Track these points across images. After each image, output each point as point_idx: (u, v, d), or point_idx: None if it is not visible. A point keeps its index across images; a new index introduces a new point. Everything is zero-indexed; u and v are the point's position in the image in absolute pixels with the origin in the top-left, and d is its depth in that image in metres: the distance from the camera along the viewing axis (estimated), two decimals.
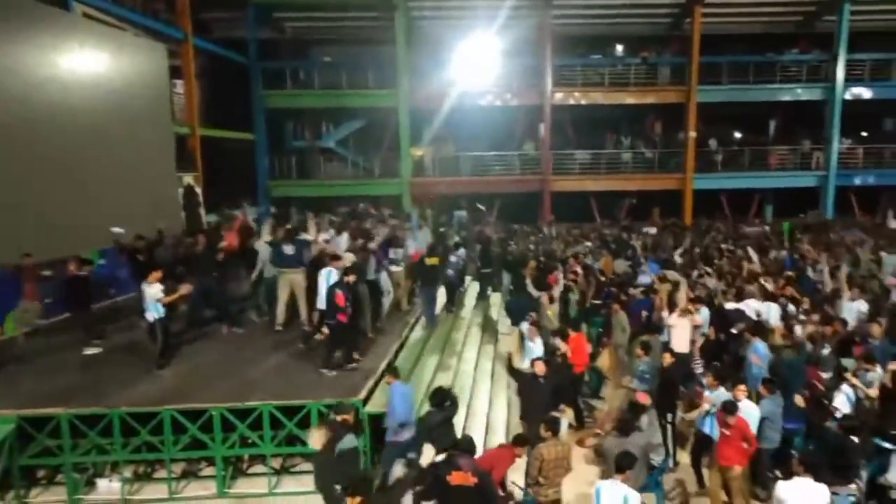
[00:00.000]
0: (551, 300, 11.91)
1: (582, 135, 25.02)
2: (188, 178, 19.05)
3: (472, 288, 15.40)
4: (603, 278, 13.52)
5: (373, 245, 11.85)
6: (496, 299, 14.87)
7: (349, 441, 6.20)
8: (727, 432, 7.04)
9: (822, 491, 5.57)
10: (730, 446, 7.10)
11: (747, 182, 24.47)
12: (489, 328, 13.03)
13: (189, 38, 19.45)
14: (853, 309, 10.57)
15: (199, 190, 19.30)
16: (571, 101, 23.73)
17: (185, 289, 9.32)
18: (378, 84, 22.56)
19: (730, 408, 7.04)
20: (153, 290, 8.58)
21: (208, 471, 8.20)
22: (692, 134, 23.83)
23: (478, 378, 10.34)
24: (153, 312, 8.63)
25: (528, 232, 21.45)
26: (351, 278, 8.98)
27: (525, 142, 24.41)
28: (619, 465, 5.54)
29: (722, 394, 7.63)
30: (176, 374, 8.72)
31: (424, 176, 23.27)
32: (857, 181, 24.74)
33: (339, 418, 6.51)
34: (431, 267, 11.41)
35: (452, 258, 13.48)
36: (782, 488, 5.64)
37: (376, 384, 8.37)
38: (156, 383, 8.37)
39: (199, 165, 19.41)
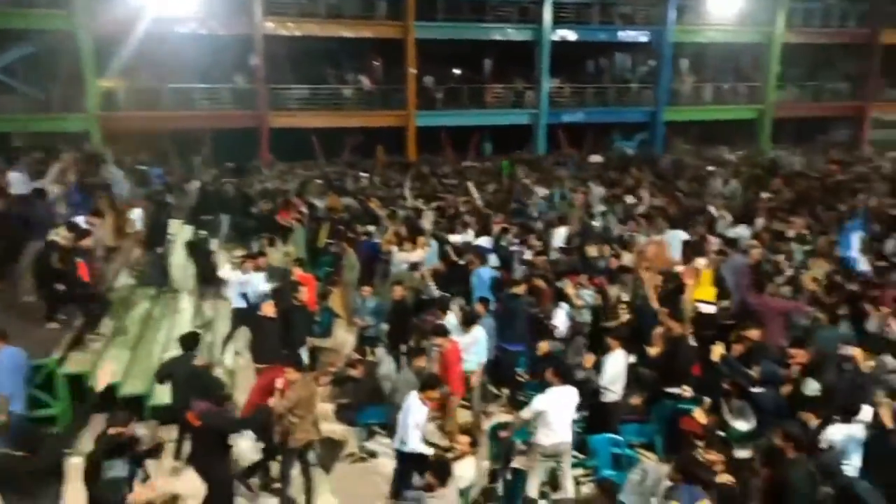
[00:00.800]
0: (271, 243, 12.31)
1: (300, 69, 25.14)
2: None
3: (184, 234, 14.91)
4: (335, 216, 14.01)
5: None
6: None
7: (119, 469, 5.16)
8: (440, 359, 7.59)
9: (572, 392, 6.57)
10: (445, 373, 7.54)
11: (467, 119, 26.43)
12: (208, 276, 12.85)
13: None
14: (557, 238, 12.22)
15: None
16: (285, 32, 23.61)
17: None
18: (49, 3, 20.48)
19: (438, 331, 7.64)
20: None
21: None
22: (412, 71, 25.20)
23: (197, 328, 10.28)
24: None
25: (246, 171, 21.35)
26: (87, 243, 8.87)
27: (236, 74, 23.94)
28: (422, 384, 6.48)
29: (451, 322, 8.24)
30: None
31: (117, 110, 21.86)
32: (566, 118, 28.08)
33: (110, 431, 5.39)
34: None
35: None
36: (540, 401, 6.41)
37: (76, 342, 8.28)
38: None
39: None
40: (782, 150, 26.84)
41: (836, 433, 5.83)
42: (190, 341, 7.24)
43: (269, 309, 8.33)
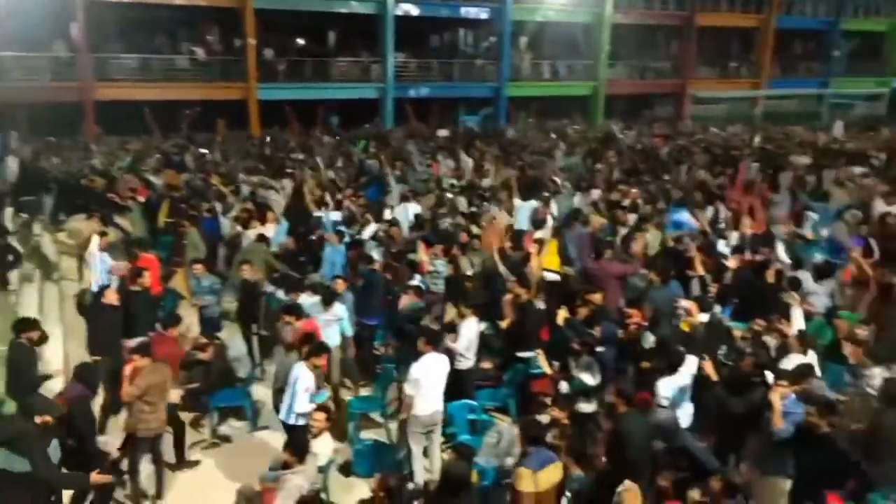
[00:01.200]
0: (103, 222, 11.19)
1: (130, 38, 23.17)
2: None
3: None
4: (175, 194, 13.15)
5: None
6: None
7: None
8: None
9: (444, 359, 6.64)
10: None
11: (311, 93, 25.64)
12: (35, 260, 11.98)
13: None
14: (409, 212, 12.11)
15: None
16: None
17: None
18: None
19: (291, 310, 7.47)
20: None
21: None
22: (251, 41, 24.05)
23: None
24: None
25: (68, 147, 19.47)
26: None
27: (55, 42, 21.65)
28: (308, 352, 6.45)
29: (306, 301, 8.03)
30: None
31: None
32: (412, 93, 28.14)
33: (39, 420, 5.32)
34: None
35: None
36: (415, 369, 6.36)
37: None
38: None
39: None
40: (614, 125, 28.59)
41: (665, 385, 6.29)
42: (20, 327, 6.60)
43: (111, 296, 7.68)
